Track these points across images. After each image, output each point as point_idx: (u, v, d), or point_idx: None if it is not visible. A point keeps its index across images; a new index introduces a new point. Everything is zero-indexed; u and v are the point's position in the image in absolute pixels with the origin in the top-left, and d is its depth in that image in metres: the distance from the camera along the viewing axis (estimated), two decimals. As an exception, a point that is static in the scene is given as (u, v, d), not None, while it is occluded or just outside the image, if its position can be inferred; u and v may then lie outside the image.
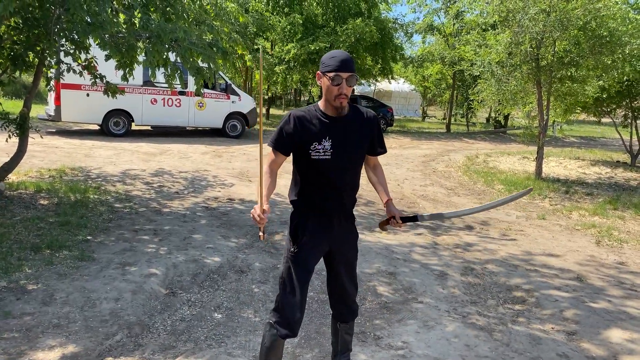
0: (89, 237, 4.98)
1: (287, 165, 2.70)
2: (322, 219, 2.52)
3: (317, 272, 4.56)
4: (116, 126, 13.35)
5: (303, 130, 2.44)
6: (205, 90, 13.69)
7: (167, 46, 4.96)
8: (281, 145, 2.50)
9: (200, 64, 5.28)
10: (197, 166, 9.82)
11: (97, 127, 13.99)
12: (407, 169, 11.25)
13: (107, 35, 4.78)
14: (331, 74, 2.31)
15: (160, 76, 13.07)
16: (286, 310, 2.46)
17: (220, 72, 13.34)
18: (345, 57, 2.33)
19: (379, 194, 2.71)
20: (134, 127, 13.96)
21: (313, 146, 2.43)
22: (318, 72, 2.41)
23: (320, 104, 2.49)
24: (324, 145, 2.43)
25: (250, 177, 9.13)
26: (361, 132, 2.51)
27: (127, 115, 13.39)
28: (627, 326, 3.84)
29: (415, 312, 3.89)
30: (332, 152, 2.43)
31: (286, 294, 2.48)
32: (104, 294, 3.78)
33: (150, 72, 4.89)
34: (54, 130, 13.57)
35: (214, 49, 5.10)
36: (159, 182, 8.05)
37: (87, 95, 12.57)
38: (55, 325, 3.27)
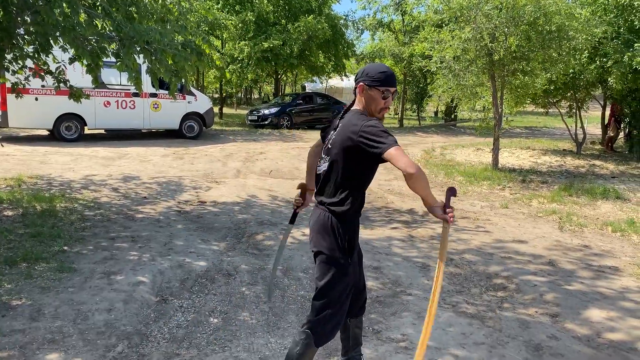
0: (65, 248, 4.81)
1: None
2: (359, 223, 2.63)
3: (304, 271, 4.61)
4: (68, 131, 12.85)
5: None
6: (160, 91, 13.36)
7: (139, 49, 4.85)
8: None
9: (173, 67, 5.18)
10: (160, 169, 9.61)
11: (46, 133, 13.43)
12: (370, 165, 11.42)
13: (75, 38, 4.62)
14: (382, 88, 2.43)
15: (111, 78, 12.79)
16: (329, 326, 2.50)
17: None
18: (392, 72, 2.48)
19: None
20: (86, 131, 13.47)
21: None
22: (361, 83, 2.46)
23: (360, 111, 2.51)
24: None
25: (216, 178, 9.04)
26: None
27: (79, 119, 12.91)
28: (604, 305, 4.10)
29: (407, 305, 4.00)
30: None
31: (333, 309, 2.50)
32: (94, 305, 3.68)
33: (128, 77, 4.75)
34: (0, 137, 12.91)
35: (188, 50, 5.02)
36: (125, 187, 7.83)
37: (36, 99, 12.07)
38: (50, 341, 3.17)
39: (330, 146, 2.52)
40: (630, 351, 3.38)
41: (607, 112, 14.92)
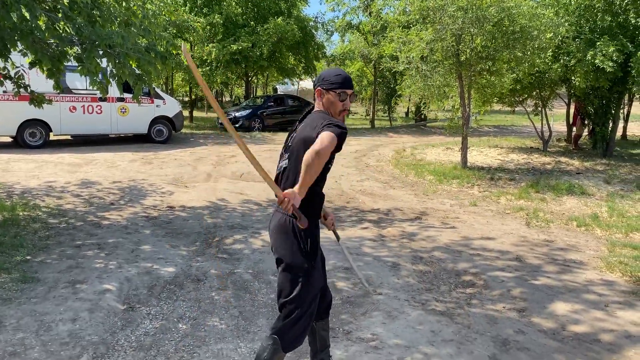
0: (28, 257, 4.68)
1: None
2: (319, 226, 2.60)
3: (275, 274, 4.58)
4: (32, 137, 12.52)
5: None
6: (126, 95, 13.14)
7: (101, 52, 4.75)
8: None
9: (137, 71, 5.09)
10: (128, 175, 9.45)
11: (9, 140, 13.07)
12: (342, 165, 11.45)
13: (34, 42, 4.50)
14: (338, 91, 2.48)
15: (77, 83, 12.52)
16: (295, 331, 2.47)
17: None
18: (347, 75, 2.53)
19: None
20: (52, 137, 13.16)
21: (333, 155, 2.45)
22: (319, 88, 2.51)
23: (321, 115, 2.51)
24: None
25: (186, 182, 8.93)
26: None
27: (44, 125, 12.59)
28: (568, 299, 4.19)
29: (378, 304, 4.02)
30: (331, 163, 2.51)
31: (299, 314, 2.47)
32: (58, 315, 3.59)
33: (90, 81, 4.65)
34: (-39, 145, 12.53)
35: (152, 53, 4.94)
36: (91, 193, 7.67)
37: (-3, 105, 11.74)
38: (11, 354, 3.07)
39: (290, 144, 2.52)
40: (593, 342, 3.46)
41: (572, 110, 15.28)
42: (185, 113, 22.12)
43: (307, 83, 31.35)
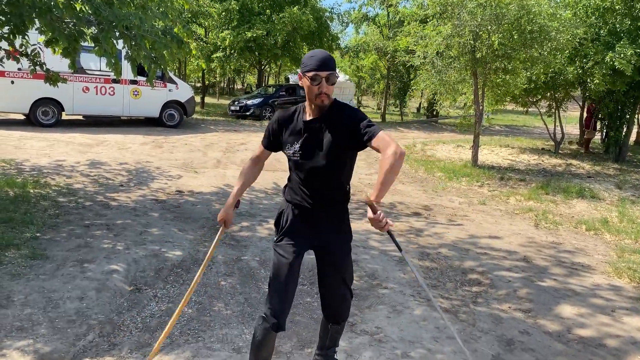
0: (37, 234, 4.72)
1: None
2: (302, 212, 2.54)
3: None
4: (45, 116, 12.58)
5: (281, 131, 2.55)
6: (140, 78, 13.16)
7: (118, 34, 4.74)
8: (265, 140, 2.65)
9: (152, 54, 5.08)
10: (139, 157, 9.48)
11: (22, 117, 13.14)
12: (351, 158, 11.42)
13: (52, 20, 4.50)
14: (310, 74, 2.32)
15: (91, 63, 12.57)
16: (272, 301, 2.47)
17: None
18: (323, 55, 2.33)
19: None
20: (64, 116, 13.21)
21: (287, 146, 2.51)
22: (299, 73, 2.42)
23: (306, 103, 2.51)
24: (295, 147, 2.48)
25: (196, 167, 8.95)
26: (335, 133, 2.38)
27: (56, 104, 12.64)
28: (575, 302, 4.17)
29: (383, 298, 4.02)
30: (300, 154, 2.46)
31: (271, 284, 2.51)
32: (66, 293, 3.62)
33: (107, 62, 4.65)
34: (-26, 120, 12.62)
35: (168, 37, 4.93)
36: (101, 174, 7.71)
37: (12, 82, 11.80)
38: (18, 328, 3.10)
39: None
40: (598, 347, 3.44)
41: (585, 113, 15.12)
42: (197, 99, 22.15)
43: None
